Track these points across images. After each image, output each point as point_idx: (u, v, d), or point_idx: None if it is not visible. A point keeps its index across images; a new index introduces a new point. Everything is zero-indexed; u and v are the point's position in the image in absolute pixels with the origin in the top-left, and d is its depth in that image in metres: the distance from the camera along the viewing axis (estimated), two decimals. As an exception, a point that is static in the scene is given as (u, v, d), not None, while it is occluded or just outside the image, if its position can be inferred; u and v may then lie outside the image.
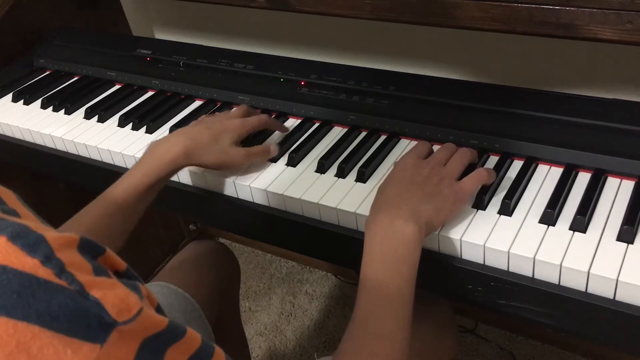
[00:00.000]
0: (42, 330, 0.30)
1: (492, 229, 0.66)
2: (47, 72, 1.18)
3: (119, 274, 0.36)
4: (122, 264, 0.37)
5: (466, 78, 1.00)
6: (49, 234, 0.32)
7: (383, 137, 0.84)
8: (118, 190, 0.73)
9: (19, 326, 0.29)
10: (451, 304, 0.92)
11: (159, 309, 0.38)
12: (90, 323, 0.31)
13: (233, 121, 0.81)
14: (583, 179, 0.71)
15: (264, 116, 0.85)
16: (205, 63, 1.05)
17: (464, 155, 0.71)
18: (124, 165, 0.92)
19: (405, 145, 0.82)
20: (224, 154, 0.77)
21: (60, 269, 0.31)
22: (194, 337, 0.38)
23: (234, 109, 0.88)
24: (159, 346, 0.35)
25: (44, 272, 0.31)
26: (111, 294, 0.32)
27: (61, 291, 0.31)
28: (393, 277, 0.59)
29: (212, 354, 0.39)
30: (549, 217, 0.66)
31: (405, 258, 0.60)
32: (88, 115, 1.01)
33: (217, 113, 0.88)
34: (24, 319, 0.30)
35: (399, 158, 0.72)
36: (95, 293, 0.32)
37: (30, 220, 0.34)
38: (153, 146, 0.76)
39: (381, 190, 0.67)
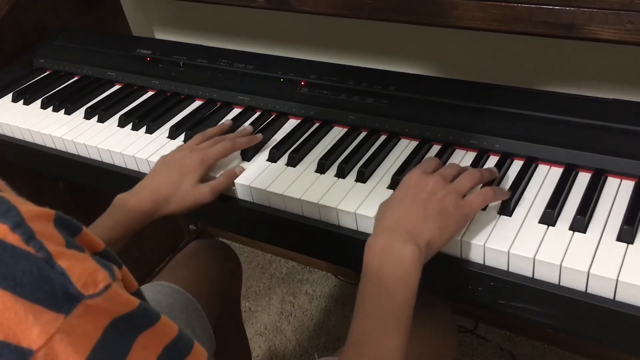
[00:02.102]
0: (5, 294, 0.30)
1: (492, 229, 0.66)
2: (47, 72, 1.18)
3: (95, 254, 0.36)
4: (100, 245, 0.37)
5: (466, 78, 1.00)
6: (24, 206, 0.33)
7: (383, 137, 0.84)
8: None
9: None
10: (451, 305, 0.92)
11: (139, 296, 0.38)
12: (54, 292, 0.31)
13: (192, 159, 0.78)
14: (583, 179, 0.71)
15: (228, 144, 0.82)
16: (205, 63, 1.05)
17: (474, 174, 0.67)
18: (123, 165, 0.92)
19: (405, 146, 0.82)
20: (189, 198, 0.76)
21: (29, 236, 0.32)
22: (168, 325, 0.38)
23: (208, 142, 0.83)
24: (130, 330, 0.35)
25: (12, 238, 0.31)
26: (79, 266, 0.32)
27: (27, 257, 0.31)
28: (390, 301, 0.58)
29: (191, 348, 0.39)
30: (549, 217, 0.66)
31: (402, 281, 0.58)
32: (88, 115, 1.01)
33: (190, 145, 0.83)
34: None
35: (405, 174, 0.69)
36: (62, 263, 0.32)
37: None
38: (120, 201, 0.76)
39: (383, 210, 0.65)
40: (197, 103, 1.01)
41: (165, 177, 0.77)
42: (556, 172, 0.73)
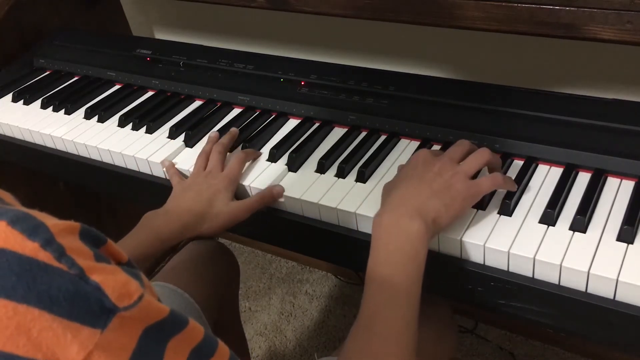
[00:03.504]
0: (42, 313, 0.30)
1: (492, 229, 0.66)
2: (47, 72, 1.18)
3: (121, 265, 0.36)
4: (124, 256, 0.37)
5: (466, 78, 1.00)
6: (50, 220, 0.33)
7: (383, 137, 0.84)
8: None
9: (19, 309, 0.30)
10: (451, 304, 0.92)
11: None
12: (90, 307, 0.31)
13: (220, 179, 0.77)
14: (583, 179, 0.71)
15: (241, 156, 0.81)
16: (205, 63, 1.05)
17: (483, 154, 0.67)
18: (124, 165, 0.92)
19: (405, 145, 0.82)
20: (223, 216, 0.75)
21: (60, 253, 0.31)
22: (196, 329, 0.38)
23: (212, 156, 0.81)
24: (161, 337, 0.35)
25: (44, 256, 0.31)
26: (112, 279, 0.32)
27: (61, 274, 0.31)
28: (399, 276, 0.58)
29: (216, 349, 0.39)
30: (549, 217, 0.66)
31: (411, 256, 0.59)
32: (88, 115, 1.01)
33: (202, 164, 0.82)
34: (24, 302, 0.30)
35: (412, 154, 0.69)
36: (96, 277, 0.32)
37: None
38: (148, 221, 0.74)
39: (390, 188, 0.66)
40: (197, 103, 1.01)
41: (195, 198, 0.76)
42: (556, 172, 0.73)
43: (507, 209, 0.68)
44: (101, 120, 1.00)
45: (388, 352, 0.55)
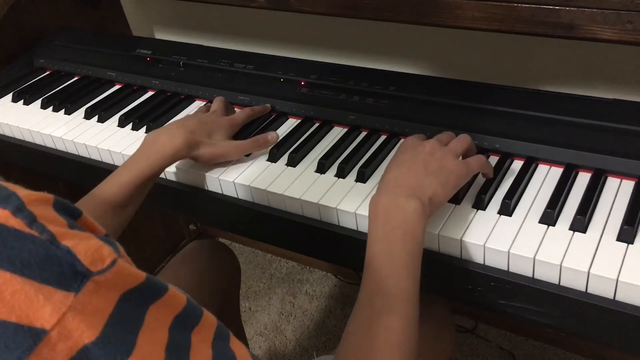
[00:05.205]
0: (13, 277, 0.31)
1: (492, 229, 0.66)
2: (47, 72, 1.18)
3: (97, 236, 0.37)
4: (101, 229, 0.38)
5: (466, 78, 1.00)
6: (22, 191, 0.33)
7: (383, 137, 0.84)
8: (119, 180, 0.74)
9: None
10: (449, 304, 0.92)
11: None
12: (62, 271, 0.32)
13: (224, 119, 0.86)
14: (583, 179, 0.71)
15: (247, 110, 0.90)
16: (205, 63, 1.05)
17: (465, 139, 0.71)
18: (124, 165, 0.92)
19: (405, 145, 0.82)
20: (218, 148, 0.81)
21: (31, 220, 0.32)
22: (177, 296, 0.38)
23: (215, 103, 0.90)
24: (140, 302, 0.35)
25: (15, 222, 0.32)
26: (83, 244, 0.33)
27: (32, 240, 0.31)
28: (398, 253, 0.58)
29: (201, 317, 0.39)
30: (549, 217, 0.66)
31: (409, 234, 0.59)
32: (88, 115, 1.01)
33: (203, 110, 0.92)
34: None
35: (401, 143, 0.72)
36: (67, 242, 0.32)
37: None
38: (152, 138, 0.78)
39: (384, 174, 0.67)
40: (197, 103, 1.01)
41: (200, 123, 0.82)
42: (556, 172, 0.73)
43: (507, 209, 0.68)
44: (101, 120, 1.00)
45: (390, 326, 0.54)
